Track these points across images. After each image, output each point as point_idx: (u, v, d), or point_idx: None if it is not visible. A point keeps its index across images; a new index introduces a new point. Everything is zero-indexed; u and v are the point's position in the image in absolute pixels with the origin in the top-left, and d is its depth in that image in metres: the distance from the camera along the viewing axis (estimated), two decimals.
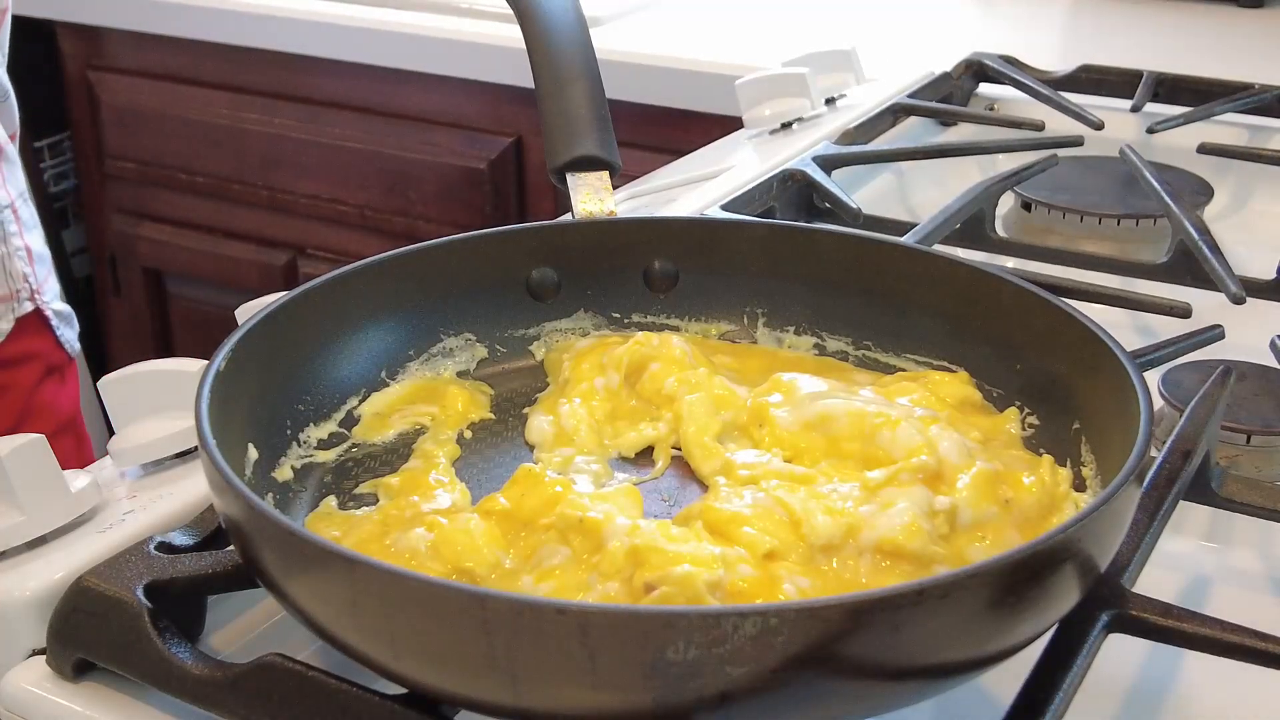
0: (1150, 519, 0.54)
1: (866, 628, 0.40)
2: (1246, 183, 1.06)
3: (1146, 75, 1.17)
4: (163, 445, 0.61)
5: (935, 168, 1.07)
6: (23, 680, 0.51)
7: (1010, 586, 0.42)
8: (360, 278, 0.63)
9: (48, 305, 1.10)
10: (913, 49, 1.37)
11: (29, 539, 0.54)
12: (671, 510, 0.57)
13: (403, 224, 1.62)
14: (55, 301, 1.11)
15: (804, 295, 0.68)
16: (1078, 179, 0.99)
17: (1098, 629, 0.48)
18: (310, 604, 0.45)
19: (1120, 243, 0.94)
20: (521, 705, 0.42)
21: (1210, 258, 0.82)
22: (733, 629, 0.39)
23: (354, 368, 0.63)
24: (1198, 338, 0.71)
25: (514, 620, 0.40)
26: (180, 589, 0.51)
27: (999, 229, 0.93)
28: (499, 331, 0.67)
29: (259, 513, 0.45)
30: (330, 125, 1.64)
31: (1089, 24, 1.54)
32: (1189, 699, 0.53)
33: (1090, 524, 0.44)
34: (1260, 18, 1.53)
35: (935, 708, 0.51)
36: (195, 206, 1.76)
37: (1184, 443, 0.58)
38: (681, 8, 1.58)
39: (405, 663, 0.43)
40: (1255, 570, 0.62)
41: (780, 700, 0.41)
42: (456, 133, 1.56)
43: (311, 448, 0.59)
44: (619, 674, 0.40)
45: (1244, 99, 1.13)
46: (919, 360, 0.65)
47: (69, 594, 0.51)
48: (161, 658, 0.48)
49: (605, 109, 0.73)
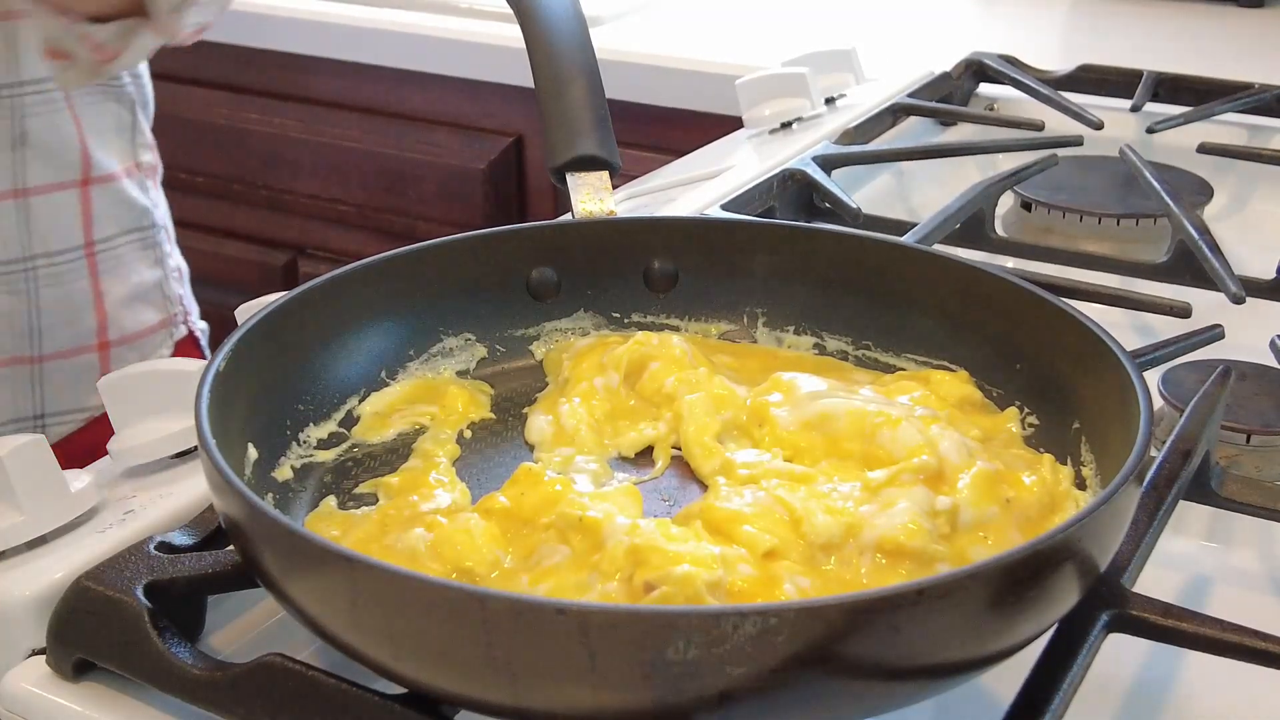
0: (1150, 519, 0.54)
1: (866, 628, 0.40)
2: (1246, 183, 1.06)
3: (1146, 75, 1.17)
4: (163, 445, 0.60)
5: (935, 168, 1.07)
6: (23, 680, 0.51)
7: (1010, 586, 0.43)
8: (360, 278, 0.63)
9: (195, 325, 1.09)
10: (913, 49, 1.37)
11: (29, 539, 0.54)
12: (671, 510, 0.57)
13: (402, 224, 1.62)
14: (197, 319, 1.10)
15: (804, 295, 0.68)
16: (1077, 179, 0.99)
17: (1098, 629, 0.48)
18: (310, 604, 0.45)
19: (1120, 242, 0.94)
20: (521, 705, 0.42)
21: (1210, 257, 0.82)
22: (733, 629, 0.39)
23: (354, 368, 0.63)
24: (1197, 337, 0.71)
25: (514, 620, 0.40)
26: (180, 589, 0.51)
27: (999, 229, 0.93)
28: (499, 331, 0.67)
29: (259, 513, 0.45)
30: (330, 125, 1.64)
31: (1089, 24, 1.54)
32: (1189, 699, 0.53)
33: (1090, 524, 0.44)
34: (1260, 18, 1.53)
35: (935, 708, 0.51)
36: (195, 206, 1.76)
37: (1184, 442, 0.58)
38: (681, 8, 1.58)
39: (405, 663, 0.43)
40: (1255, 570, 0.62)
41: (780, 700, 0.41)
42: (456, 133, 1.56)
43: (311, 448, 0.59)
44: (619, 674, 0.40)
45: (1244, 99, 1.13)
46: (919, 360, 0.65)
47: (69, 594, 0.51)
48: (161, 658, 0.48)
49: (605, 109, 0.73)
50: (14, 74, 0.90)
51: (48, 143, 0.94)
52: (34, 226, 0.94)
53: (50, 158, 0.94)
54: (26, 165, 0.93)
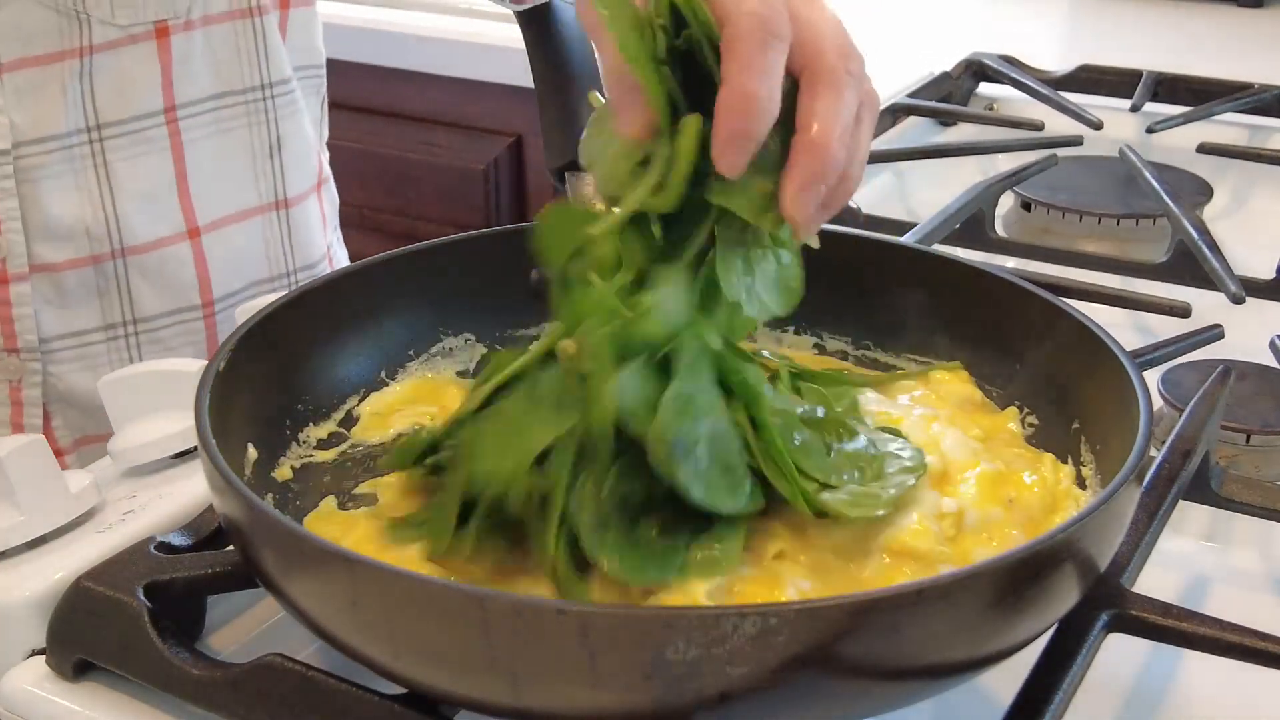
0: (1150, 518, 0.54)
1: (866, 628, 0.40)
2: (1246, 182, 1.06)
3: (1146, 75, 1.17)
4: (163, 445, 0.61)
5: (935, 168, 1.07)
6: (23, 680, 0.51)
7: (1010, 586, 0.43)
8: (359, 278, 0.63)
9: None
10: (913, 49, 1.37)
11: (29, 539, 0.54)
12: None
13: (403, 224, 1.62)
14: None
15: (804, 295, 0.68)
16: (1077, 179, 0.99)
17: (1097, 629, 0.48)
18: (310, 604, 0.45)
19: (1120, 242, 0.94)
20: (521, 705, 0.42)
21: (1210, 257, 0.82)
22: (733, 629, 0.39)
23: (354, 368, 0.63)
24: (1197, 337, 0.71)
25: (514, 620, 0.40)
26: (180, 589, 0.51)
27: (999, 229, 0.93)
28: (499, 331, 0.67)
29: (259, 513, 0.45)
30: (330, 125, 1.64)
31: (1089, 23, 1.54)
32: (1189, 699, 0.53)
33: (1090, 524, 0.44)
34: (1260, 18, 1.53)
35: (935, 708, 0.51)
36: None
37: (1184, 442, 0.58)
38: None
39: (405, 663, 0.43)
40: (1255, 570, 0.62)
41: (780, 700, 0.41)
42: (456, 133, 1.56)
43: (311, 448, 0.59)
44: (619, 674, 0.40)
45: (1244, 99, 1.13)
46: (919, 360, 0.65)
47: (69, 594, 0.51)
48: (161, 658, 0.48)
49: None
50: (265, 74, 0.83)
51: (296, 150, 0.87)
52: (295, 239, 0.88)
53: (298, 164, 0.88)
54: (285, 174, 0.86)
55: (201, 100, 0.80)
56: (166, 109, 0.78)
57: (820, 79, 0.49)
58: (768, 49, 0.47)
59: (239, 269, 0.84)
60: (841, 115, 0.48)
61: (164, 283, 0.80)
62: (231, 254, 0.83)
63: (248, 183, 0.84)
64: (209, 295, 0.82)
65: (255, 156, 0.84)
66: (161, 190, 0.79)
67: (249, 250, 0.85)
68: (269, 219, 0.86)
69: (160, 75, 0.77)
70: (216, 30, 0.80)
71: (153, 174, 0.78)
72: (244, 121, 0.83)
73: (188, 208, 0.81)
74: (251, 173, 0.84)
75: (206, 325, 0.83)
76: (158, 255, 0.79)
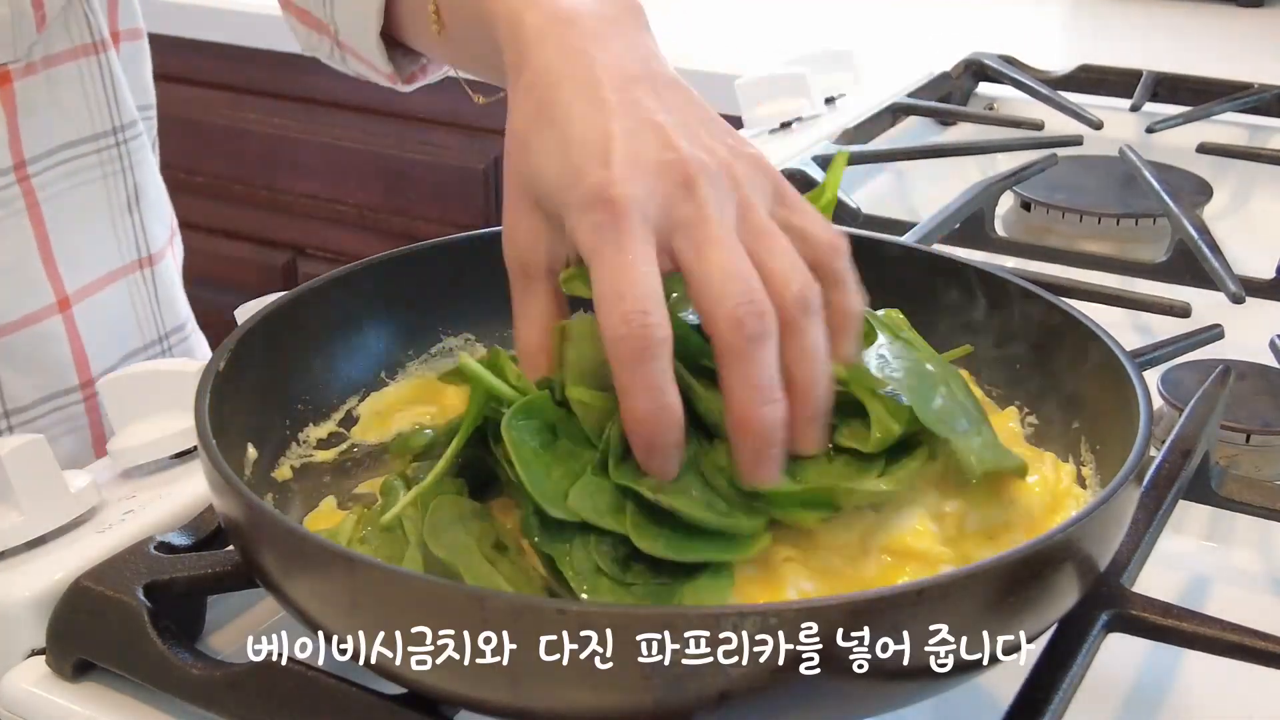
0: (1150, 518, 0.54)
1: (866, 628, 0.40)
2: (1246, 182, 1.06)
3: (1146, 75, 1.17)
4: (163, 445, 0.61)
5: (935, 167, 1.07)
6: (23, 680, 0.51)
7: (1010, 586, 0.42)
8: (360, 278, 0.63)
9: None
10: (912, 49, 1.37)
11: (28, 539, 0.54)
12: None
13: (402, 224, 1.62)
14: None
15: None
16: (1077, 178, 0.99)
17: (1097, 629, 0.48)
18: (310, 604, 0.45)
19: (1119, 242, 0.94)
20: (521, 705, 0.42)
21: (1210, 257, 0.82)
22: (733, 629, 0.39)
23: (354, 368, 0.63)
24: (1197, 337, 0.71)
25: (514, 620, 0.40)
26: (180, 589, 0.51)
27: (998, 228, 0.93)
28: (499, 331, 0.67)
29: (259, 513, 0.45)
30: (330, 125, 1.64)
31: (1089, 24, 1.54)
32: (1189, 699, 0.53)
33: (1090, 523, 0.44)
34: (1260, 18, 1.53)
35: (935, 708, 0.51)
36: (195, 206, 1.76)
37: (1183, 442, 0.58)
38: (681, 8, 1.58)
39: (405, 663, 0.43)
40: (1255, 570, 0.62)
41: (780, 700, 0.41)
42: (456, 133, 1.56)
43: (311, 448, 0.59)
44: (619, 674, 0.40)
45: (1243, 99, 1.13)
46: None
47: (68, 594, 0.51)
48: (161, 658, 0.48)
49: None
50: (116, 116, 0.75)
51: (152, 199, 0.79)
52: (161, 299, 0.80)
53: (156, 215, 0.80)
54: (146, 228, 0.78)
55: (52, 152, 0.72)
56: (16, 165, 0.70)
57: (721, 355, 0.46)
58: (758, 351, 0.46)
59: (112, 339, 0.77)
60: (757, 378, 0.46)
61: (36, 365, 0.73)
62: (104, 323, 0.76)
63: (109, 241, 0.76)
64: (86, 374, 0.75)
65: (113, 210, 0.77)
66: (25, 259, 0.71)
67: (120, 317, 0.78)
68: (133, 280, 0.78)
69: (5, 128, 0.69)
70: (61, 72, 0.72)
71: (11, 242, 0.70)
72: (99, 173, 0.75)
73: (54, 275, 0.72)
74: (112, 229, 0.77)
75: (87, 409, 0.76)
76: (26, 334, 0.72)
